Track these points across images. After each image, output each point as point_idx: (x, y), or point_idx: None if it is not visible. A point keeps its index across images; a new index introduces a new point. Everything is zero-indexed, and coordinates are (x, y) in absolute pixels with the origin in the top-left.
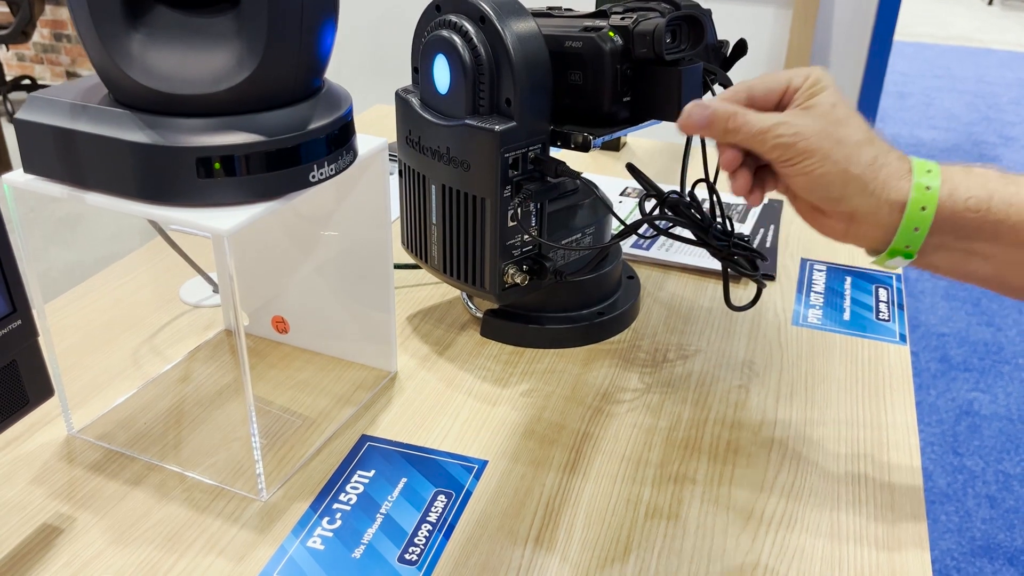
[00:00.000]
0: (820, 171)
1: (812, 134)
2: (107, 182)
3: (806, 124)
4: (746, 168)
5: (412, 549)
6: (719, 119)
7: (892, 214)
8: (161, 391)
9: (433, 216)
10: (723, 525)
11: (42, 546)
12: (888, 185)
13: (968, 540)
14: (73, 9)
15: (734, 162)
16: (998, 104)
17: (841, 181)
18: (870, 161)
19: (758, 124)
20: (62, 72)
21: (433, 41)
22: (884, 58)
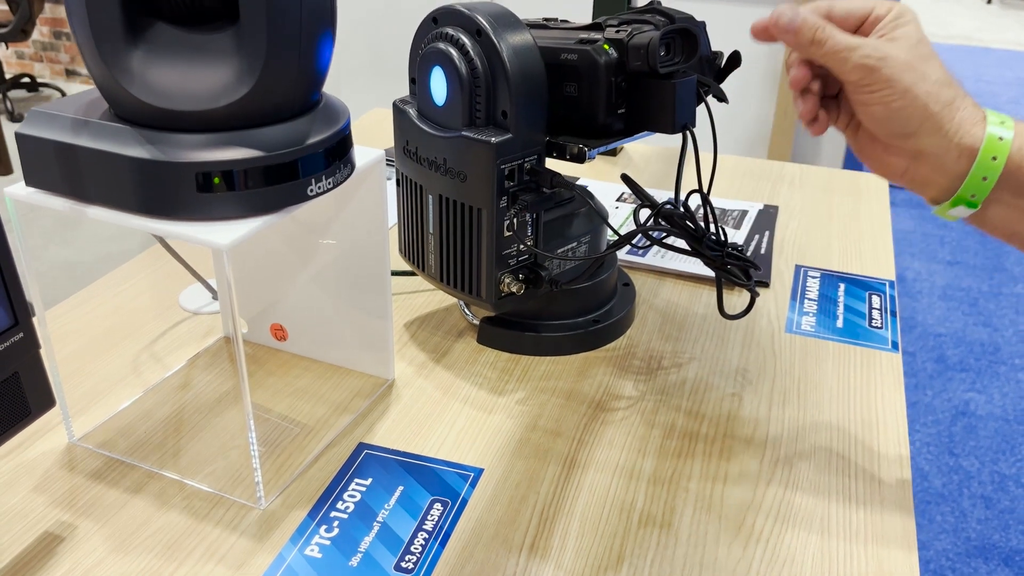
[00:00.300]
0: (899, 103)
1: (898, 63)
2: (108, 196)
3: (892, 51)
4: (812, 93)
5: (408, 557)
6: (808, 26)
7: (960, 160)
8: (161, 398)
9: (430, 226)
10: (715, 533)
11: (44, 554)
12: (962, 129)
13: (963, 540)
14: (74, 26)
15: (802, 81)
16: (997, 103)
17: (919, 116)
18: (948, 101)
19: (845, 41)
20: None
21: (430, 53)
22: None
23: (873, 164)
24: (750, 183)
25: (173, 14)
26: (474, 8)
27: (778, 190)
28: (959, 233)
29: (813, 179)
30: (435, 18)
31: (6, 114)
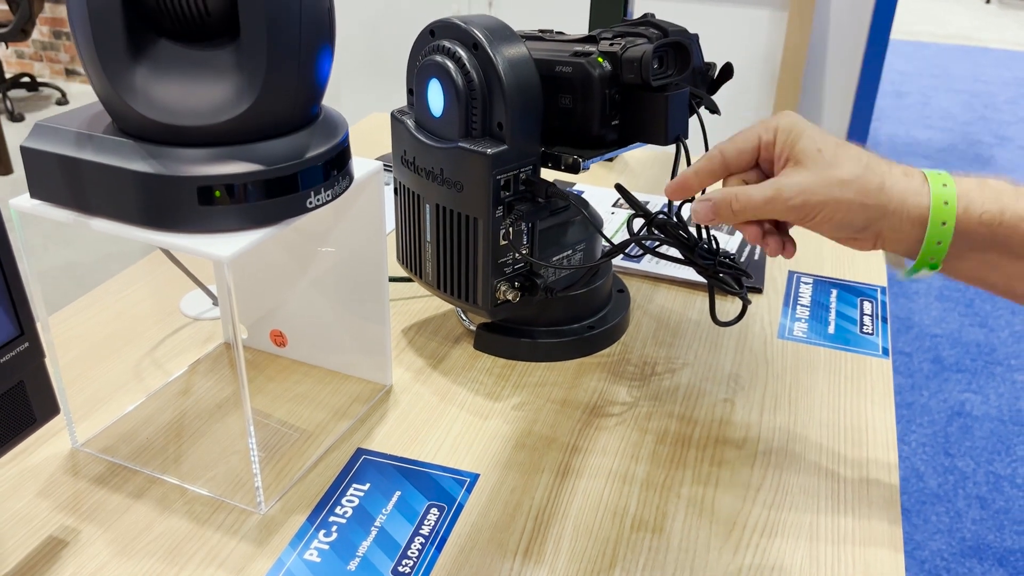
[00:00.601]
0: (838, 216)
1: (815, 188)
2: (111, 209)
3: (805, 180)
4: (770, 234)
5: (405, 562)
6: (722, 207)
7: (914, 229)
8: (162, 404)
9: (427, 234)
10: (706, 538)
11: (48, 559)
12: (907, 203)
13: (958, 541)
14: (78, 42)
15: (757, 236)
16: (994, 103)
17: (861, 215)
18: (878, 187)
19: (761, 197)
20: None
21: (427, 65)
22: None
23: (848, 246)
24: None
25: (175, 31)
26: (470, 21)
27: None
28: None
29: None
30: (432, 31)
31: (6, 114)
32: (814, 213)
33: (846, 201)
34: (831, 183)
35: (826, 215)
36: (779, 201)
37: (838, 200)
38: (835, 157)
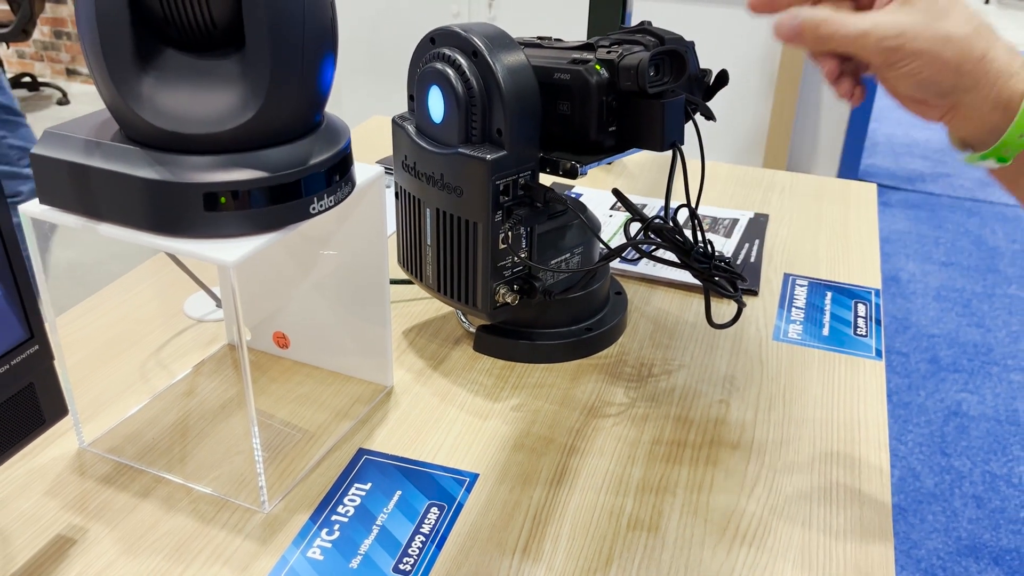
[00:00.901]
0: (928, 73)
1: (917, 33)
2: (119, 214)
3: (909, 22)
4: (846, 76)
5: (406, 560)
6: (809, 27)
7: (995, 113)
8: (167, 405)
9: (428, 238)
10: (700, 536)
11: (56, 557)
12: (998, 83)
13: (955, 540)
14: (86, 51)
15: (834, 72)
16: None
17: (952, 78)
18: (980, 56)
19: (855, 27)
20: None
21: (428, 73)
22: None
23: (914, 111)
24: (741, 191)
25: (182, 41)
26: (470, 29)
27: (769, 198)
28: (953, 234)
29: (803, 187)
30: (433, 39)
31: None
32: (906, 62)
33: (943, 59)
34: (936, 35)
35: (916, 68)
36: (873, 37)
37: (936, 55)
38: (947, 8)
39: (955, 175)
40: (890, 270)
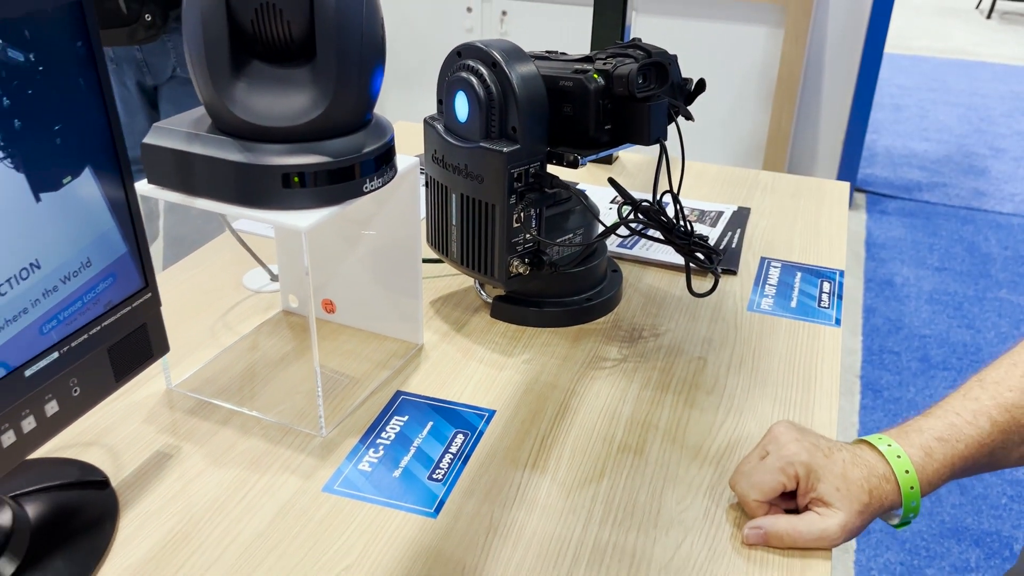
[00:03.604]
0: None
1: (852, 524)
2: (213, 191)
3: (842, 520)
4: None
5: (438, 471)
6: (773, 539)
7: (897, 498)
8: (235, 356)
9: (453, 219)
10: (677, 459)
11: (159, 465)
12: (890, 495)
13: (938, 523)
14: (192, 62)
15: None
16: (990, 116)
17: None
18: (879, 505)
19: (810, 536)
20: None
21: (454, 80)
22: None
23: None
24: (728, 188)
25: (266, 54)
26: (490, 45)
27: (752, 194)
28: (947, 241)
29: (784, 186)
30: (459, 52)
31: None
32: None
33: (868, 522)
34: (861, 516)
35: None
36: (825, 540)
37: (864, 524)
38: (850, 491)
39: (951, 185)
40: (885, 274)
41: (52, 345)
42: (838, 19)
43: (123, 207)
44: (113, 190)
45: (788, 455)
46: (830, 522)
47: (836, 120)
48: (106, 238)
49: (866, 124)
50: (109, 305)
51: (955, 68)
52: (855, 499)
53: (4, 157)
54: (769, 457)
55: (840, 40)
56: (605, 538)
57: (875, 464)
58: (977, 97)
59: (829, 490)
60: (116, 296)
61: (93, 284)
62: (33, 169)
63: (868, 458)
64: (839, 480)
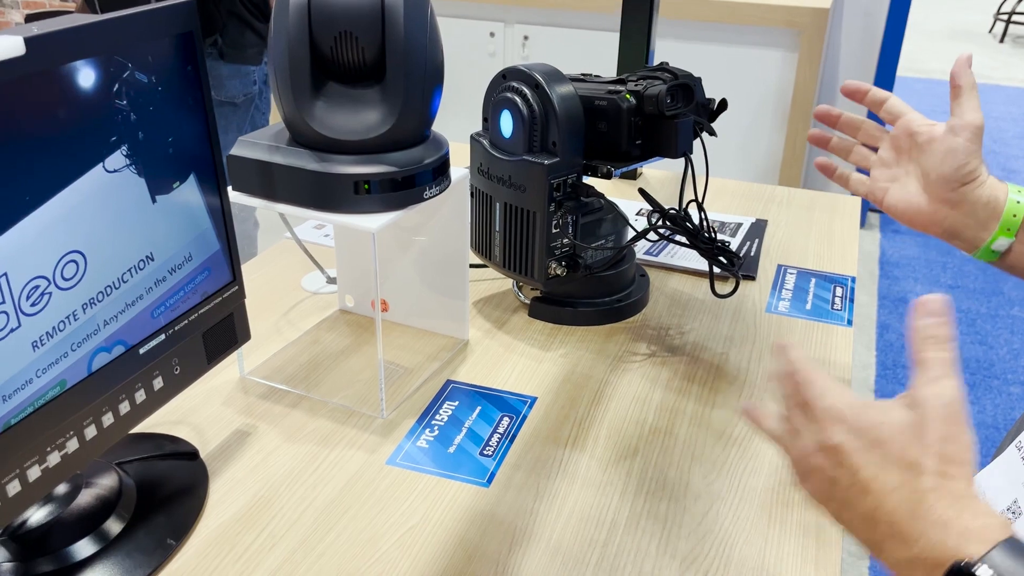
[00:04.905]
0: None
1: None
2: (292, 196)
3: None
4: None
5: (487, 449)
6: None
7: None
8: (300, 349)
9: (497, 225)
10: (703, 439)
11: (240, 440)
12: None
13: None
14: (277, 83)
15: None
16: (1003, 138)
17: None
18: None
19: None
20: None
21: (500, 100)
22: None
23: (918, 221)
24: (746, 202)
25: (341, 77)
26: (532, 68)
27: (768, 208)
28: (960, 260)
29: (799, 200)
30: (504, 75)
31: None
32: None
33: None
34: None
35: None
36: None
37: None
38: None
39: None
40: (899, 292)
41: (160, 328)
42: (851, 43)
43: (218, 209)
44: (211, 194)
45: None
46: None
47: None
48: (204, 236)
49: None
50: (205, 295)
51: None
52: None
53: (130, 164)
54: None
55: (853, 63)
56: (640, 507)
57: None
58: (990, 120)
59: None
60: (211, 287)
61: (193, 276)
62: (151, 174)
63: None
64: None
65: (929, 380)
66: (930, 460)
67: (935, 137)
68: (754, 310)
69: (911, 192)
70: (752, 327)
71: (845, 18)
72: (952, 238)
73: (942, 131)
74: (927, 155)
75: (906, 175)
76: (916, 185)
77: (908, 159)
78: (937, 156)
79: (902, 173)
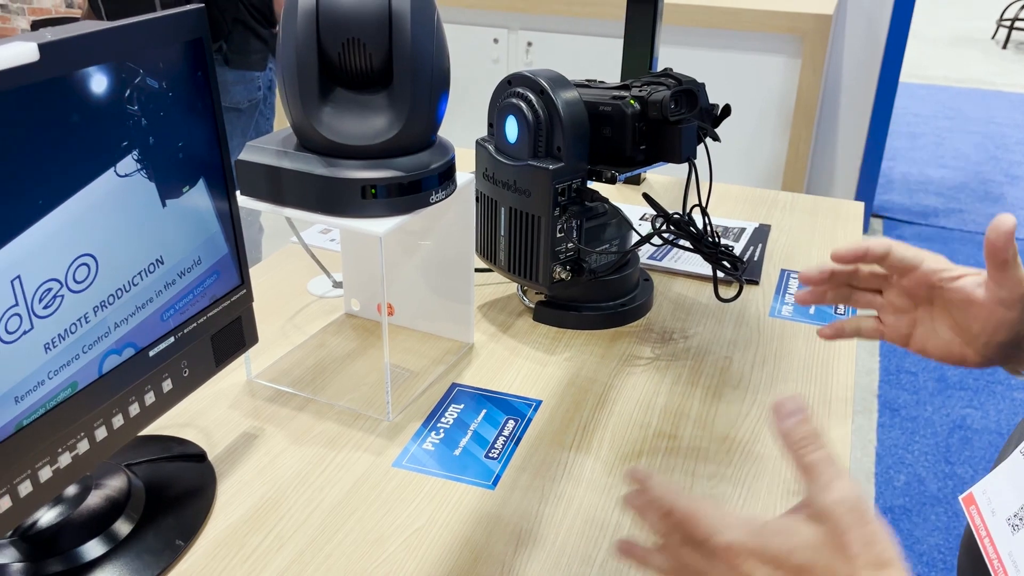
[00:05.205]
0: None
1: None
2: (300, 201)
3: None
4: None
5: (493, 451)
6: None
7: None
8: (306, 352)
9: (502, 229)
10: (707, 443)
11: (247, 443)
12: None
13: (955, 537)
14: (285, 89)
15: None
16: (1006, 144)
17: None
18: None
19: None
20: None
21: (505, 106)
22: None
23: (969, 361)
24: (750, 207)
25: (349, 83)
26: (537, 73)
27: (772, 213)
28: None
29: (802, 205)
30: (510, 80)
31: None
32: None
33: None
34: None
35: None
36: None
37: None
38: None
39: (967, 211)
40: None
41: (170, 330)
42: (854, 49)
43: (227, 214)
44: (220, 199)
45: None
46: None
47: (853, 147)
48: (213, 240)
49: (882, 151)
50: (213, 298)
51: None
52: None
53: (140, 168)
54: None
55: (856, 69)
56: None
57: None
58: (993, 125)
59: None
60: (219, 291)
61: (202, 279)
62: (161, 179)
63: None
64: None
65: (823, 487)
66: (864, 571)
67: (974, 300)
68: (757, 314)
69: (943, 339)
70: (756, 331)
71: (848, 24)
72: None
73: (983, 296)
74: (965, 315)
75: (931, 320)
76: (949, 333)
77: (931, 307)
78: (981, 322)
79: (926, 318)
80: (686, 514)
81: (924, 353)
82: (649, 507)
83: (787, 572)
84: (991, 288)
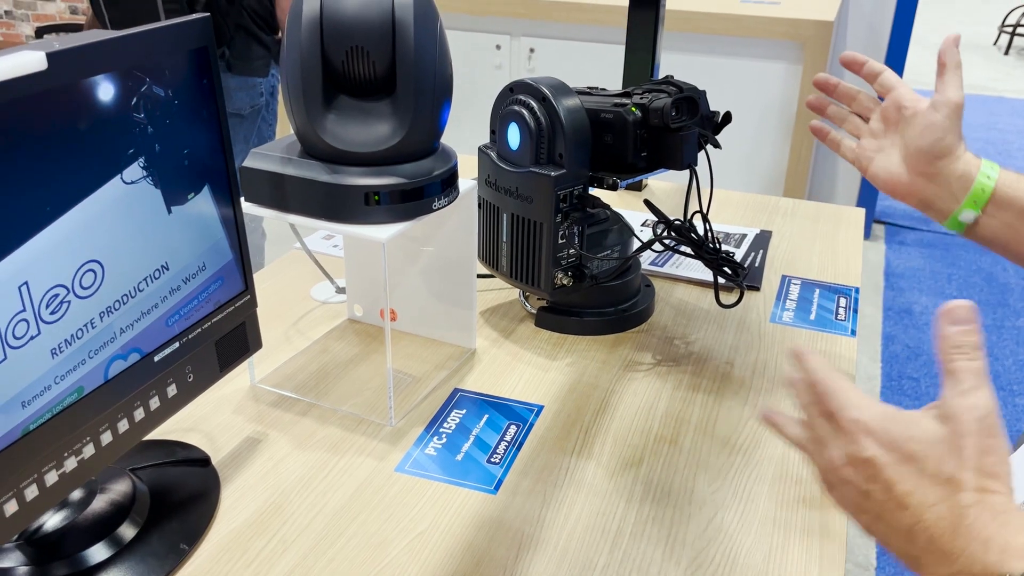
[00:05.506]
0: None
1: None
2: (304, 207)
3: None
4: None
5: (495, 456)
6: (814, 380)
7: (961, 181)
8: (309, 358)
9: (504, 236)
10: (707, 448)
11: (250, 448)
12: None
13: None
14: (290, 96)
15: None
16: (1008, 150)
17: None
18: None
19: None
20: None
21: (507, 113)
22: None
23: (897, 191)
24: (751, 213)
25: (352, 90)
26: (539, 81)
27: (773, 219)
28: (965, 271)
29: (803, 211)
30: (512, 88)
31: None
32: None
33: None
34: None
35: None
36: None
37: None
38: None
39: None
40: (904, 303)
41: (174, 336)
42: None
43: (231, 220)
44: (224, 205)
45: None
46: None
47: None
48: (217, 246)
49: None
50: (218, 304)
51: (973, 103)
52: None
53: (146, 175)
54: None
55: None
56: (645, 513)
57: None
58: (995, 132)
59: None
60: (223, 297)
61: (207, 285)
62: (167, 186)
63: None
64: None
65: (961, 392)
66: (969, 475)
67: (918, 111)
68: (758, 320)
69: (893, 163)
70: (757, 337)
71: (849, 31)
72: (926, 208)
73: (925, 106)
74: (910, 128)
75: (891, 146)
76: (898, 156)
77: (894, 131)
78: (917, 130)
79: (888, 144)
80: (828, 387)
81: (875, 181)
82: (801, 380)
83: (898, 456)
84: (932, 98)
